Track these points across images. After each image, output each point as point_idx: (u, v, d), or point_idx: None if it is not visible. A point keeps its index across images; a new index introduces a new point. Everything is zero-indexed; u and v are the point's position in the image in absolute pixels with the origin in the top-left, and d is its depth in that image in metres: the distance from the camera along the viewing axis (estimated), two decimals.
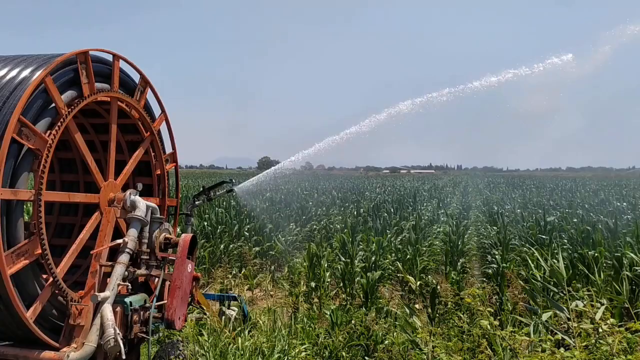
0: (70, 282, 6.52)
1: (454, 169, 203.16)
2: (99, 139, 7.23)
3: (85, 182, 7.48)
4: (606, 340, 4.53)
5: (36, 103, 4.96)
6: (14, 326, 4.89)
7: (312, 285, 10.31)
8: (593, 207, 24.11)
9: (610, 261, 9.59)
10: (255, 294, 12.17)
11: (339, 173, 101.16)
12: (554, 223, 15.74)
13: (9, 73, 5.14)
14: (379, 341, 7.40)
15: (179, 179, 7.69)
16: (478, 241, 16.94)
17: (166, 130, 7.17)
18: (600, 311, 4.83)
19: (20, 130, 4.70)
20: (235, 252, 14.52)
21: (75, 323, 5.17)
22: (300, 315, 8.88)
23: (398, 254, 12.33)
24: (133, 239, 5.75)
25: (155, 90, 6.75)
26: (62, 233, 7.53)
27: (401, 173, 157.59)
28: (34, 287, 4.99)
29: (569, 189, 48.22)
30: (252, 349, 6.27)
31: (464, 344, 5.69)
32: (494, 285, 9.55)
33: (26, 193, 4.80)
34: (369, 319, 7.96)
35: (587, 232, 12.74)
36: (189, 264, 6.04)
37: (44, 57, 5.42)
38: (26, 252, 4.81)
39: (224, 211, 18.64)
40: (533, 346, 4.93)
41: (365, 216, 20.23)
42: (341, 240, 12.90)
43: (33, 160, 4.92)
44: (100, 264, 5.50)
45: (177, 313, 5.83)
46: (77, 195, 6.44)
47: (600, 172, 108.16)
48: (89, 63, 5.49)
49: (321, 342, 7.26)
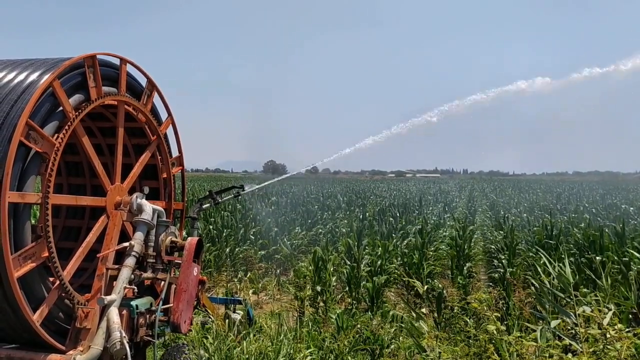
0: (77, 285, 6.53)
1: (460, 172, 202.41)
2: (106, 143, 7.25)
3: (92, 186, 7.51)
4: (614, 346, 4.48)
5: (44, 107, 4.98)
6: (21, 329, 4.91)
7: (317, 289, 10.29)
8: (600, 211, 23.99)
9: (618, 266, 9.53)
10: (261, 298, 12.17)
11: (344, 177, 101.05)
12: (560, 227, 15.66)
13: (16, 77, 5.17)
14: (385, 345, 7.37)
15: (185, 182, 7.71)
16: (484, 245, 16.89)
17: (173, 133, 7.19)
18: (608, 316, 4.78)
19: (28, 134, 4.73)
20: (240, 255, 14.53)
21: (82, 326, 5.17)
22: (305, 319, 8.87)
23: (404, 258, 12.30)
24: (139, 242, 5.76)
25: (162, 93, 6.77)
26: (69, 236, 7.55)
27: (407, 177, 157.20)
28: (41, 290, 5.00)
29: (575, 193, 47.99)
30: (257, 353, 6.25)
31: (471, 349, 5.66)
32: (501, 290, 9.50)
33: (34, 196, 4.82)
34: (375, 323, 7.93)
35: (595, 236, 12.66)
36: (194, 268, 6.03)
37: (51, 61, 5.44)
38: (33, 255, 4.83)
39: (229, 215, 18.66)
40: (540, 351, 4.89)
41: (371, 220, 20.21)
42: (347, 244, 12.87)
43: (40, 163, 4.94)
44: (106, 267, 5.51)
45: (183, 316, 5.83)
46: (84, 198, 6.47)
47: (608, 176, 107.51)
48: (97, 67, 5.51)
49: (327, 347, 7.23)
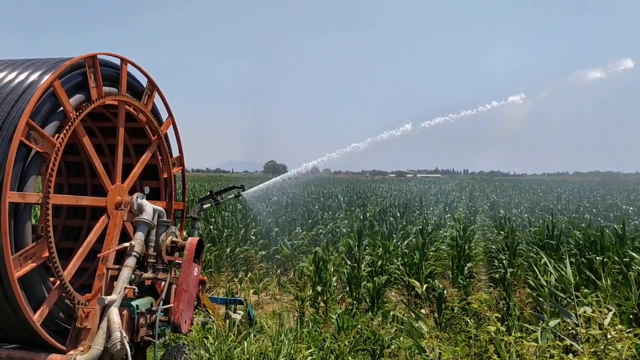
0: (77, 285, 6.53)
1: (461, 173, 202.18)
2: (106, 143, 7.25)
3: (92, 186, 7.51)
4: (615, 346, 4.48)
5: (44, 107, 4.98)
6: (21, 329, 4.91)
7: (318, 290, 10.29)
8: (601, 211, 23.98)
9: (619, 266, 9.52)
10: (261, 298, 12.17)
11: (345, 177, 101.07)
12: (561, 228, 15.65)
13: (17, 77, 5.17)
14: (385, 346, 7.37)
15: (185, 182, 7.71)
16: (485, 246, 16.88)
17: (173, 133, 7.19)
18: (609, 317, 4.78)
19: (29, 134, 4.73)
20: (241, 255, 14.52)
21: (82, 326, 5.17)
22: (306, 320, 8.86)
23: (404, 259, 12.29)
24: (140, 242, 5.76)
25: (162, 93, 6.77)
26: (69, 236, 7.55)
27: (407, 177, 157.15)
28: (42, 290, 5.00)
29: (576, 193, 47.98)
30: (257, 353, 6.26)
31: (471, 350, 5.64)
32: (501, 290, 9.49)
33: (34, 196, 4.82)
34: (375, 323, 7.93)
35: (595, 236, 12.65)
36: (195, 268, 6.03)
37: (52, 61, 5.44)
38: (34, 255, 4.83)
39: (230, 215, 18.66)
40: (541, 352, 4.88)
41: (371, 220, 20.21)
42: (347, 245, 12.87)
43: (41, 163, 4.94)
44: (107, 267, 5.51)
45: (184, 317, 5.83)
46: (84, 198, 6.48)
47: (608, 176, 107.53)
48: (97, 67, 5.51)
49: (327, 347, 7.23)
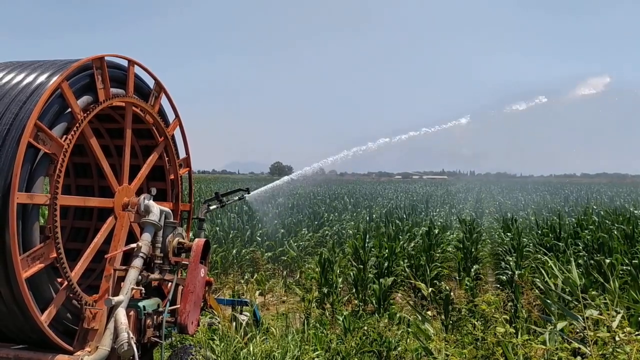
0: (85, 286, 6.55)
1: (467, 174, 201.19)
2: (113, 144, 7.27)
3: (100, 187, 7.53)
4: (623, 349, 4.44)
5: (52, 108, 5.00)
6: (29, 330, 4.93)
7: (324, 291, 10.28)
8: (609, 213, 23.80)
9: (627, 268, 9.45)
10: (268, 299, 12.18)
11: (351, 178, 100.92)
12: (568, 230, 15.56)
13: (25, 78, 5.19)
14: (392, 348, 7.34)
15: (192, 183, 7.72)
16: (492, 247, 16.81)
17: (180, 135, 7.21)
18: (617, 319, 4.74)
19: (37, 135, 4.75)
20: (247, 257, 14.54)
21: (89, 327, 5.18)
22: (312, 321, 8.85)
23: (411, 260, 12.26)
24: (147, 244, 5.77)
25: (169, 95, 6.78)
26: (76, 237, 7.57)
27: (413, 178, 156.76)
28: (49, 290, 5.02)
29: (584, 195, 47.70)
30: (263, 355, 6.26)
31: (479, 352, 5.63)
32: (509, 292, 9.44)
33: (42, 197, 4.84)
34: (382, 325, 7.90)
35: (603, 238, 12.57)
36: (201, 269, 6.04)
37: (60, 62, 5.46)
38: (41, 255, 4.85)
39: (236, 216, 18.69)
40: (549, 354, 4.86)
41: (377, 222, 20.17)
42: (353, 246, 12.85)
43: (49, 164, 4.96)
44: (114, 268, 5.52)
45: (190, 318, 5.83)
46: (92, 199, 6.50)
47: (616, 178, 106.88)
48: (105, 68, 5.53)
49: (333, 348, 7.22)
